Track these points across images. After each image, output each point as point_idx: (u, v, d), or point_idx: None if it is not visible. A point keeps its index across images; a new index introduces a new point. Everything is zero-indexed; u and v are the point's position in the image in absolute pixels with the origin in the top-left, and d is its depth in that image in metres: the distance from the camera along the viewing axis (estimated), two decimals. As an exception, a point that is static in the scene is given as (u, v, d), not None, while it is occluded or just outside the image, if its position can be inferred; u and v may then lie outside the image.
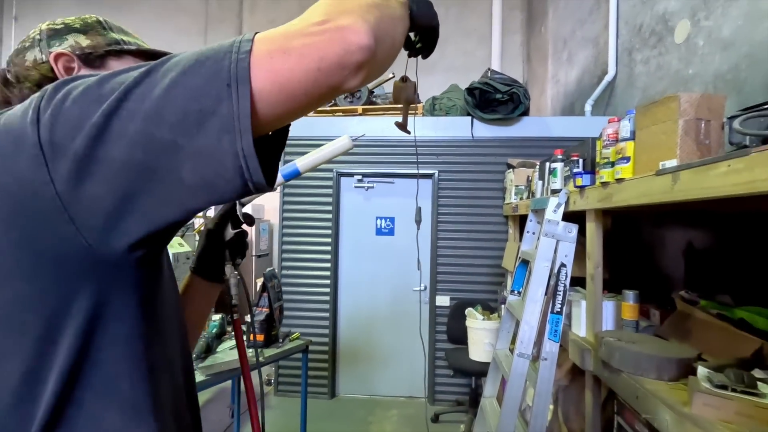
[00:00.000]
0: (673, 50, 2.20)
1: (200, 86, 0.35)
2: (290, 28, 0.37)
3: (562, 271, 1.61)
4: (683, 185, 0.92)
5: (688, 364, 1.13)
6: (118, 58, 0.62)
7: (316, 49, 0.35)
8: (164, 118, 0.34)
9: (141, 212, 0.36)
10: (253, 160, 0.35)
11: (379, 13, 0.41)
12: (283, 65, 0.35)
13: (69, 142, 0.35)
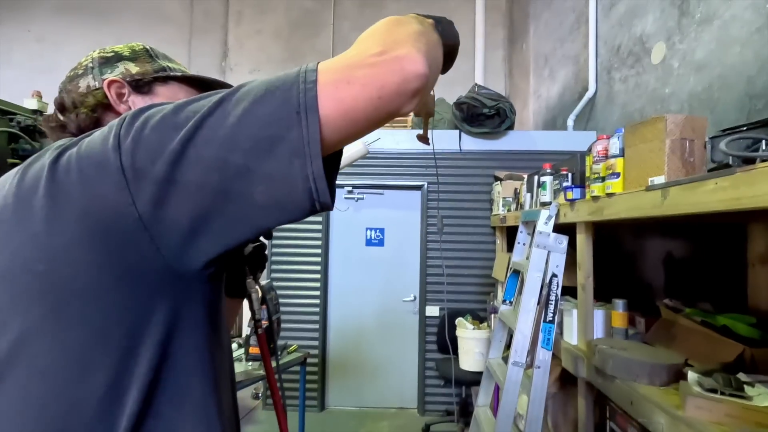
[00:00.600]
0: (650, 70, 2.33)
1: (271, 114, 0.38)
2: (350, 59, 0.40)
3: (553, 281, 1.67)
4: (673, 200, 0.98)
5: (677, 370, 1.19)
6: (165, 84, 0.65)
7: (376, 79, 0.38)
8: (237, 144, 0.37)
9: (216, 232, 0.39)
10: (322, 182, 0.38)
11: (425, 39, 0.44)
12: (347, 94, 0.38)
13: (149, 166, 0.38)
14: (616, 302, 1.49)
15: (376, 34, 0.44)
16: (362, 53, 0.40)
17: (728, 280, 1.61)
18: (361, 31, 1.57)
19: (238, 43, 5.64)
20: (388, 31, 0.44)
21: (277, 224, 0.41)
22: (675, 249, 1.99)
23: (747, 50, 1.68)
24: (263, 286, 1.95)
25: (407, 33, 0.43)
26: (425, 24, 0.51)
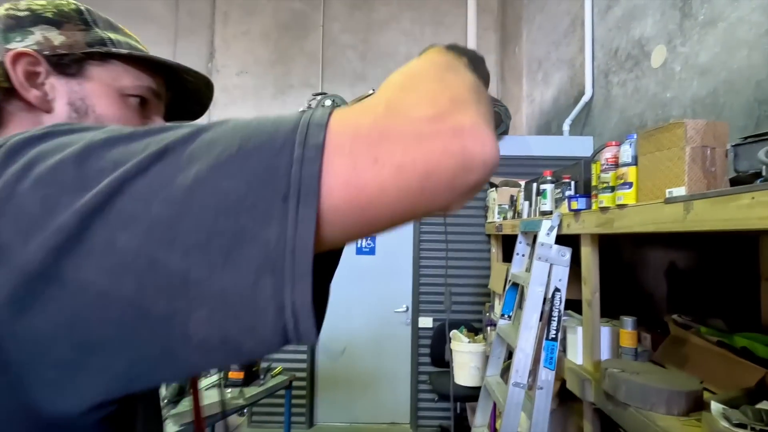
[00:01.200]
0: (650, 74, 2.26)
1: (239, 192, 0.23)
2: (385, 120, 0.26)
3: (556, 296, 1.57)
4: (698, 215, 0.89)
5: (697, 397, 1.09)
6: (103, 64, 0.48)
7: (423, 162, 0.24)
8: (177, 235, 0.22)
9: (112, 370, 0.23)
10: (306, 315, 0.23)
11: (485, 98, 0.32)
12: (372, 179, 0.24)
13: (18, 246, 0.22)
14: (625, 320, 1.40)
15: (422, 80, 0.30)
16: (404, 113, 0.26)
17: (739, 294, 1.53)
18: (351, 34, 1.45)
19: (225, 45, 5.50)
20: (439, 79, 0.30)
21: (218, 366, 0.27)
22: (679, 260, 1.91)
23: (755, 53, 1.61)
24: None
25: (465, 86, 0.30)
26: (463, 64, 0.40)
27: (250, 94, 5.39)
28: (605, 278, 2.26)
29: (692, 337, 1.39)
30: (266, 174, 0.23)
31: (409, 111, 0.26)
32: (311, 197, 0.23)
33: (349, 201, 0.24)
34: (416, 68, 0.32)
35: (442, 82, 0.30)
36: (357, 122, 0.26)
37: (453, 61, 0.35)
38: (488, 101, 0.32)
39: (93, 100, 0.47)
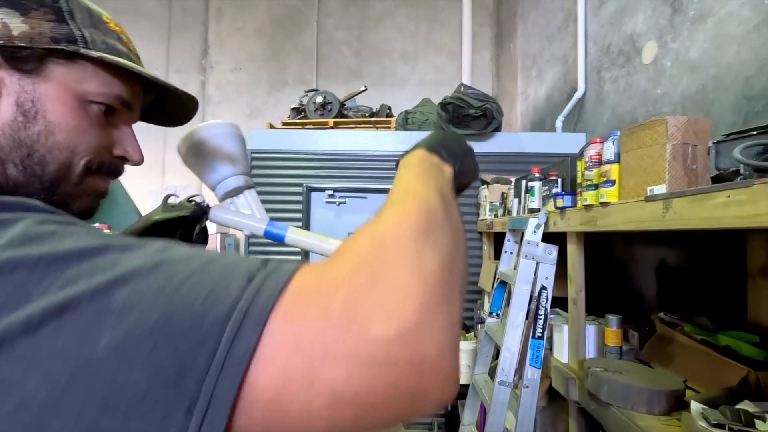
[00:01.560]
0: (642, 70, 2.25)
1: (137, 388, 0.19)
2: (337, 332, 0.22)
3: (542, 294, 1.56)
4: (676, 214, 0.88)
5: (678, 396, 1.08)
6: (69, 64, 0.41)
7: (367, 394, 0.21)
8: (46, 425, 0.18)
9: None
10: None
11: (460, 268, 0.30)
12: (301, 405, 0.21)
13: None
14: (610, 318, 1.39)
15: (393, 259, 0.26)
16: (360, 324, 0.22)
17: (726, 292, 1.52)
18: (346, 30, 1.41)
19: (219, 41, 5.46)
20: (415, 259, 0.26)
21: None
22: (668, 257, 1.90)
23: (744, 49, 1.59)
24: None
25: (443, 267, 0.27)
26: (446, 183, 0.39)
27: (245, 91, 5.36)
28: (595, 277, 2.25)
29: (678, 336, 1.39)
30: (176, 373, 0.19)
31: (367, 323, 0.22)
32: (220, 417, 0.19)
33: (266, 424, 0.21)
34: (389, 228, 0.29)
35: (416, 264, 0.26)
36: (302, 327, 0.22)
37: (433, 201, 0.33)
38: (463, 270, 0.31)
39: (46, 104, 0.41)
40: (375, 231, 0.29)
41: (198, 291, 0.22)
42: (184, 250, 0.26)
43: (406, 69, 5.33)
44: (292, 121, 3.11)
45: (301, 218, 3.06)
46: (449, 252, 0.30)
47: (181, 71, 5.44)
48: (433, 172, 0.41)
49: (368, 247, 0.27)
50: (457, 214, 0.38)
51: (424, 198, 0.34)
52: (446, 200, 0.37)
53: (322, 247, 0.64)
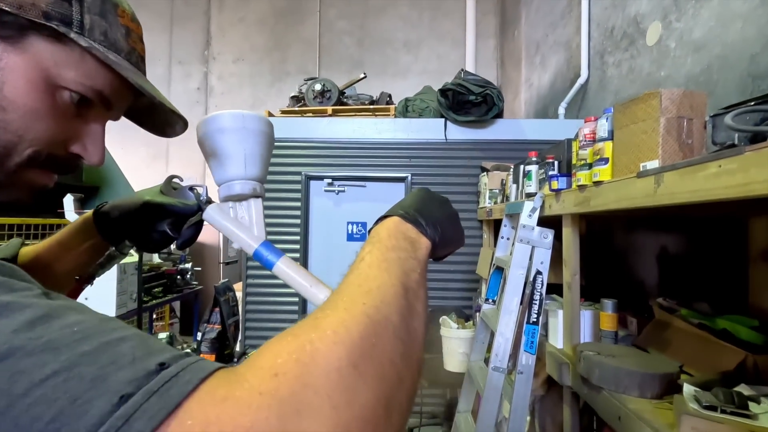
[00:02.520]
0: (645, 53, 2.18)
1: None
2: None
3: (537, 278, 1.53)
4: (667, 188, 0.84)
5: (672, 380, 1.05)
6: (53, 43, 0.38)
7: None
8: None
9: None
10: None
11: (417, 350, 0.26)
12: None
13: None
14: (605, 302, 1.36)
15: (329, 378, 0.22)
16: None
17: (727, 277, 1.48)
18: (348, 20, 1.33)
19: (221, 32, 5.45)
20: (358, 373, 0.23)
21: None
22: (670, 244, 1.86)
23: (749, 26, 1.53)
24: (217, 286, 1.79)
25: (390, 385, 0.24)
26: (419, 261, 0.33)
27: (247, 82, 5.35)
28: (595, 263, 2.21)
29: (676, 321, 1.35)
30: None
31: None
32: None
33: None
34: (323, 346, 0.24)
35: (341, 404, 0.21)
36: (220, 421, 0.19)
37: (390, 302, 0.28)
38: (410, 389, 0.25)
39: (9, 76, 0.37)
40: (308, 342, 0.24)
41: (44, 408, 0.18)
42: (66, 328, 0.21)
43: (409, 58, 5.27)
44: (291, 109, 3.09)
45: (300, 207, 3.04)
46: (393, 376, 0.25)
47: (183, 62, 5.43)
48: (403, 251, 0.36)
49: (292, 371, 0.22)
50: (421, 303, 0.32)
51: (379, 298, 0.29)
52: (409, 294, 0.31)
53: (310, 292, 0.55)
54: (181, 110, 0.56)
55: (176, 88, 5.40)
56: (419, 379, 0.29)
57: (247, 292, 3.01)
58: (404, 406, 0.25)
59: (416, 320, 0.30)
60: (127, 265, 1.94)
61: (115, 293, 1.90)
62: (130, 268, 1.96)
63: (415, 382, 0.28)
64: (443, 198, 0.47)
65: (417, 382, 0.28)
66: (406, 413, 0.25)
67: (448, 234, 0.43)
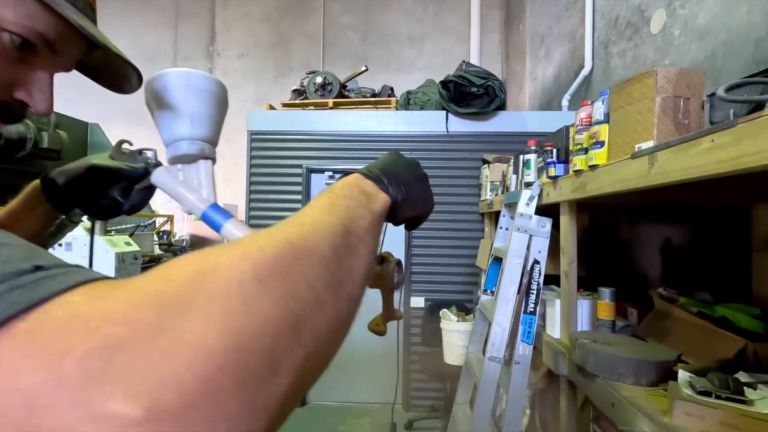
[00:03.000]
0: (649, 41, 2.14)
1: None
2: (44, 388, 0.16)
3: (535, 268, 1.51)
4: (661, 167, 0.82)
5: (668, 368, 1.03)
6: None
7: None
8: None
9: None
10: None
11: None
12: None
13: None
14: (603, 291, 1.33)
15: (202, 304, 0.19)
16: (84, 402, 0.16)
17: (730, 267, 1.45)
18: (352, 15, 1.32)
19: (226, 27, 5.46)
20: (236, 312, 0.20)
21: None
22: (673, 235, 1.82)
23: (754, 10, 1.49)
24: None
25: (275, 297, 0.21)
26: (372, 213, 0.32)
27: (251, 78, 5.36)
28: (598, 255, 2.18)
29: (675, 310, 1.32)
30: None
31: (106, 392, 0.16)
32: None
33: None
34: (229, 259, 0.22)
35: (237, 315, 0.19)
36: (20, 367, 0.16)
37: (324, 235, 0.26)
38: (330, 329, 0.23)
39: None
40: (213, 257, 0.22)
41: None
42: None
43: (413, 53, 5.25)
44: (292, 102, 3.09)
45: (301, 200, 3.04)
46: (309, 300, 0.23)
47: (189, 58, 5.46)
48: (354, 201, 0.34)
49: (186, 277, 0.20)
50: (367, 249, 0.30)
51: (309, 230, 0.27)
52: (351, 235, 0.29)
53: None
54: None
55: (181, 84, 5.43)
56: (351, 315, 0.28)
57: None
58: (322, 332, 0.23)
59: (355, 261, 0.29)
60: (125, 254, 1.96)
61: (114, 282, 1.91)
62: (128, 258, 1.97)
63: (344, 316, 0.26)
64: (413, 160, 0.46)
65: (347, 316, 0.27)
66: (325, 341, 0.24)
67: (413, 194, 0.41)
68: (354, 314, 0.28)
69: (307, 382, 0.23)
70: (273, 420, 0.19)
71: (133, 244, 2.11)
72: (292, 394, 0.20)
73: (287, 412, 0.21)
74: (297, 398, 0.22)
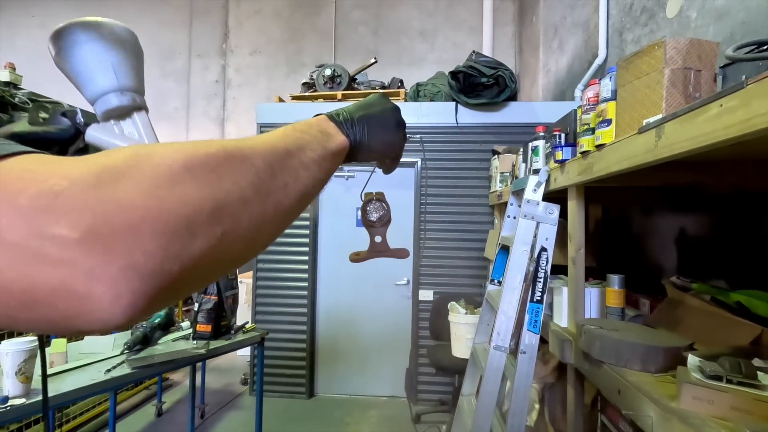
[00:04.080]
0: (665, 26, 2.07)
1: None
2: (4, 213, 0.20)
3: (542, 255, 1.47)
4: (668, 139, 0.78)
5: (677, 354, 0.99)
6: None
7: (23, 289, 0.20)
8: None
9: None
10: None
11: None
12: None
13: None
14: (611, 278, 1.29)
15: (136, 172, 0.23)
16: (36, 223, 0.20)
17: (748, 254, 1.39)
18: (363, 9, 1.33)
19: (238, 24, 5.51)
20: (163, 182, 0.23)
21: None
22: (688, 224, 1.76)
23: (776, -13, 1.43)
24: None
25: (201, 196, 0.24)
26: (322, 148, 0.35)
27: (263, 74, 5.39)
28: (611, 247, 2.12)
29: (688, 299, 1.27)
30: None
31: (54, 217, 0.20)
32: None
33: None
34: (165, 149, 0.25)
35: (163, 185, 0.23)
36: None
37: (260, 150, 0.29)
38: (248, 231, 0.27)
39: None
40: (153, 147, 0.26)
41: None
42: None
43: (425, 47, 5.21)
44: (301, 94, 3.09)
45: (310, 192, 3.05)
46: (233, 193, 0.26)
47: (203, 56, 5.53)
48: (309, 135, 0.36)
49: (125, 156, 0.24)
50: (309, 176, 0.33)
51: (249, 144, 0.29)
52: (293, 159, 0.32)
53: None
54: (200, 103, 0.52)
55: (195, 81, 5.50)
56: (279, 221, 0.30)
57: (257, 276, 3.04)
58: (243, 221, 0.26)
59: (291, 179, 0.31)
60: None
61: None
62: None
63: (268, 217, 0.29)
64: (392, 106, 0.47)
65: (272, 219, 0.29)
66: (245, 230, 0.26)
67: (377, 138, 0.43)
68: (282, 222, 0.31)
69: (225, 259, 0.26)
70: (184, 268, 0.23)
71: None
72: (209, 261, 0.24)
73: (201, 274, 0.24)
74: (213, 268, 0.25)
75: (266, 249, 0.31)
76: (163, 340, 1.60)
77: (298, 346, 3.01)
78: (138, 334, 1.49)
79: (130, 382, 1.57)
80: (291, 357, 3.01)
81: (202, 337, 1.62)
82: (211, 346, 1.56)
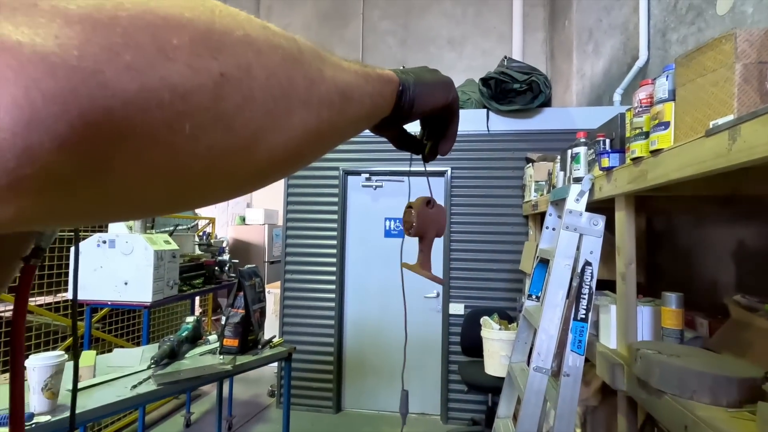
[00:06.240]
0: (716, 23, 1.94)
1: None
2: None
3: (586, 270, 1.37)
4: (745, 142, 0.69)
5: (754, 386, 0.87)
6: None
7: None
8: None
9: None
10: None
11: None
12: None
13: None
14: (668, 296, 1.17)
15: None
16: None
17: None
18: (391, 20, 1.27)
19: None
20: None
21: None
22: (749, 236, 1.60)
23: None
24: (242, 270, 1.77)
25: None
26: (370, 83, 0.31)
27: (292, 86, 5.47)
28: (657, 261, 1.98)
29: (757, 320, 1.14)
30: None
31: None
32: None
33: None
34: None
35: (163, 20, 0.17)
36: None
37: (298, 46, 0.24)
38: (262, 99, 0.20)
39: None
40: None
41: None
42: None
43: (453, 56, 5.15)
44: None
45: (338, 203, 3.01)
46: (234, 35, 0.19)
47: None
48: (364, 74, 0.32)
49: None
50: (337, 94, 0.27)
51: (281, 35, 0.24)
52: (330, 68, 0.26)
53: None
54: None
55: (227, 94, 5.65)
56: (308, 112, 0.23)
57: (285, 287, 3.02)
58: (255, 82, 0.20)
59: (315, 84, 0.24)
60: (164, 252, 1.99)
61: (152, 279, 1.94)
62: (167, 255, 2.00)
63: (293, 97, 0.22)
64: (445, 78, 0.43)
65: (300, 101, 0.23)
66: (258, 88, 0.20)
67: (427, 84, 0.39)
68: (316, 119, 0.24)
69: (217, 143, 0.19)
70: (147, 105, 0.16)
71: (172, 242, 2.15)
72: (192, 123, 0.17)
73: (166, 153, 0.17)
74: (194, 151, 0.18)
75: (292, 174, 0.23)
76: (190, 354, 1.57)
77: (325, 359, 2.96)
78: (165, 348, 1.47)
79: (156, 399, 1.54)
80: (318, 370, 2.97)
81: (229, 351, 1.59)
82: (238, 362, 1.53)
